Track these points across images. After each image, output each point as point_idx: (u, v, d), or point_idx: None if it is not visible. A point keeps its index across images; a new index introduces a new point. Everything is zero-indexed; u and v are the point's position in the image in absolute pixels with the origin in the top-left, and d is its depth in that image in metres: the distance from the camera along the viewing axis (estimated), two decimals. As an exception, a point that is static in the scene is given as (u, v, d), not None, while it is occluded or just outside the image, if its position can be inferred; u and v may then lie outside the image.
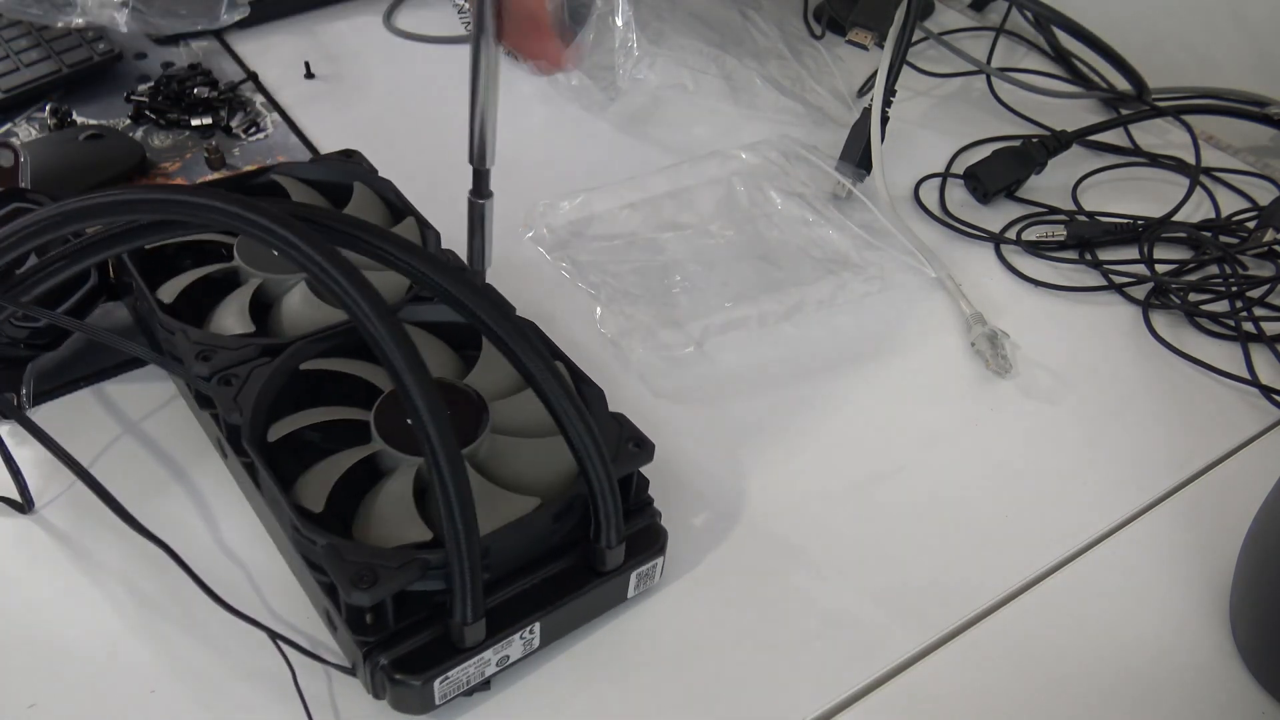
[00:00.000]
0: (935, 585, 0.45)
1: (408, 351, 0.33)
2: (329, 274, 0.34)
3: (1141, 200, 0.67)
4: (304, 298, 0.49)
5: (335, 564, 0.35)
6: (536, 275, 0.60)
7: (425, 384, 0.33)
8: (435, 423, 0.33)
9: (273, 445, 0.42)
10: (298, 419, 0.43)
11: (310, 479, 0.40)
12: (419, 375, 0.33)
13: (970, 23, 0.86)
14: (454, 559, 0.34)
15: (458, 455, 0.33)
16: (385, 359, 0.33)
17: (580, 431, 0.37)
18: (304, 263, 0.34)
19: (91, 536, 0.45)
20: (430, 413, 0.33)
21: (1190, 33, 0.78)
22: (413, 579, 0.36)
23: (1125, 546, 0.48)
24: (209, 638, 0.42)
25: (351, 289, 0.33)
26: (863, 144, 0.65)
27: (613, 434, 0.42)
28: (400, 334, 0.33)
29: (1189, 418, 0.54)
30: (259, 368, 0.43)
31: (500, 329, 0.37)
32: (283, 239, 0.34)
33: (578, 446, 0.37)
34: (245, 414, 0.41)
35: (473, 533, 0.34)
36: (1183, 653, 0.43)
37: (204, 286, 0.49)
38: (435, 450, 0.33)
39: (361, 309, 0.33)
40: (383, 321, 0.33)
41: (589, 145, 0.71)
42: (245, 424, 0.41)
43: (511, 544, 0.39)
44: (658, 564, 0.43)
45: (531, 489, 0.41)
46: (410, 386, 0.33)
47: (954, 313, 0.59)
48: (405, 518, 0.39)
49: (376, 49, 0.80)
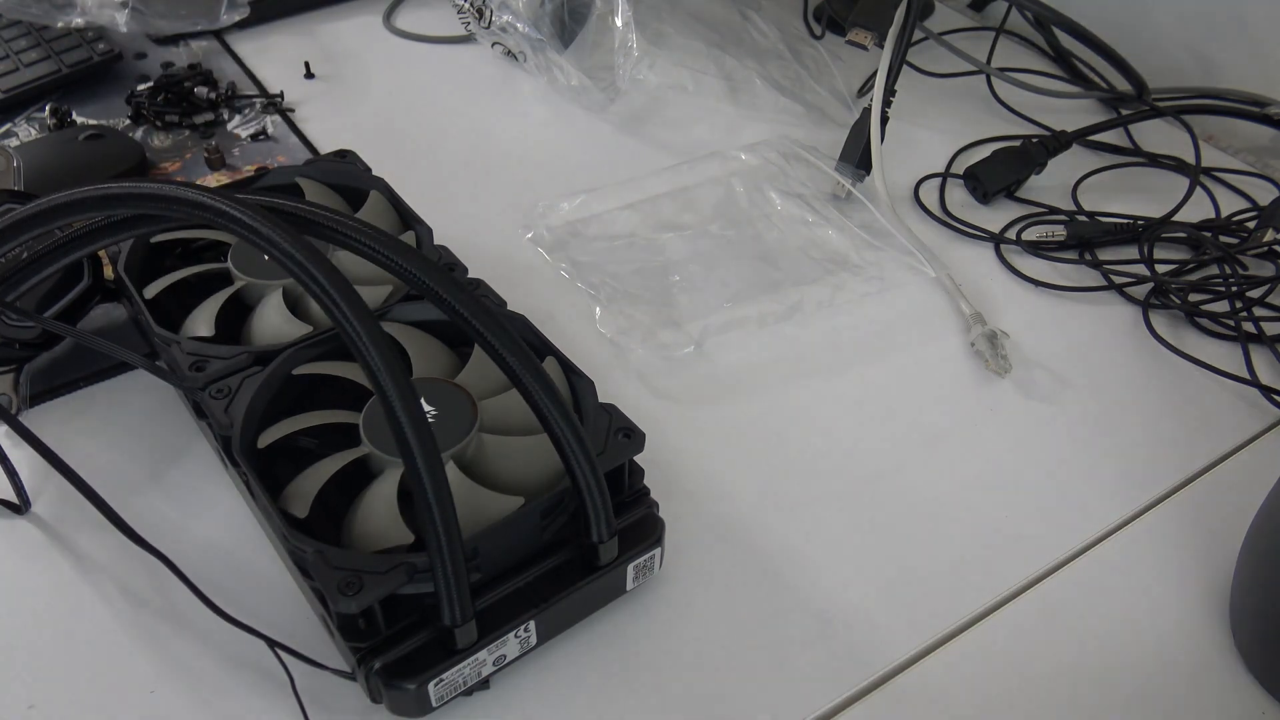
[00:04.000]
0: (934, 585, 0.45)
1: (381, 350, 0.32)
2: (304, 269, 0.33)
3: (1141, 200, 0.67)
4: (277, 305, 0.48)
5: (322, 571, 0.35)
6: (536, 275, 0.60)
7: (399, 384, 0.32)
8: (410, 423, 0.32)
9: (266, 453, 0.41)
10: (287, 425, 0.42)
11: (298, 485, 0.40)
12: (393, 374, 0.32)
13: (970, 23, 0.86)
14: (436, 562, 0.34)
15: (436, 457, 0.33)
16: (359, 356, 0.33)
17: (559, 423, 0.36)
18: (279, 257, 0.33)
19: (89, 537, 0.45)
20: (405, 412, 0.32)
21: (1190, 33, 0.78)
22: (399, 584, 0.35)
23: (1125, 546, 0.47)
24: (209, 637, 0.42)
25: (327, 285, 0.32)
26: (862, 144, 0.65)
27: (602, 425, 0.41)
28: (374, 331, 0.32)
29: (1189, 418, 0.54)
30: (250, 377, 0.43)
31: (478, 321, 0.36)
32: (257, 232, 0.33)
33: (559, 438, 0.36)
34: (236, 425, 0.41)
35: (454, 535, 0.33)
36: (1183, 653, 0.43)
37: (201, 289, 0.49)
38: (412, 452, 0.32)
39: (335, 304, 0.32)
40: (357, 318, 0.32)
41: (589, 145, 0.71)
42: (235, 434, 0.41)
43: (499, 543, 0.39)
44: (655, 555, 0.42)
45: (522, 487, 0.41)
46: (384, 386, 0.32)
47: (954, 313, 0.59)
48: (390, 521, 0.39)
49: (376, 49, 0.80)
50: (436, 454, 0.33)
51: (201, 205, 0.33)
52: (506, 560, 0.40)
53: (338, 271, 0.33)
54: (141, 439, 0.49)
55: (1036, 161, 0.67)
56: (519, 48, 0.74)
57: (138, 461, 0.48)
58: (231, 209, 0.33)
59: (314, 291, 0.33)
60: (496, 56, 0.76)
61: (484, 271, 0.51)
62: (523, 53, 0.74)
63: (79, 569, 0.44)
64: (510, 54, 0.76)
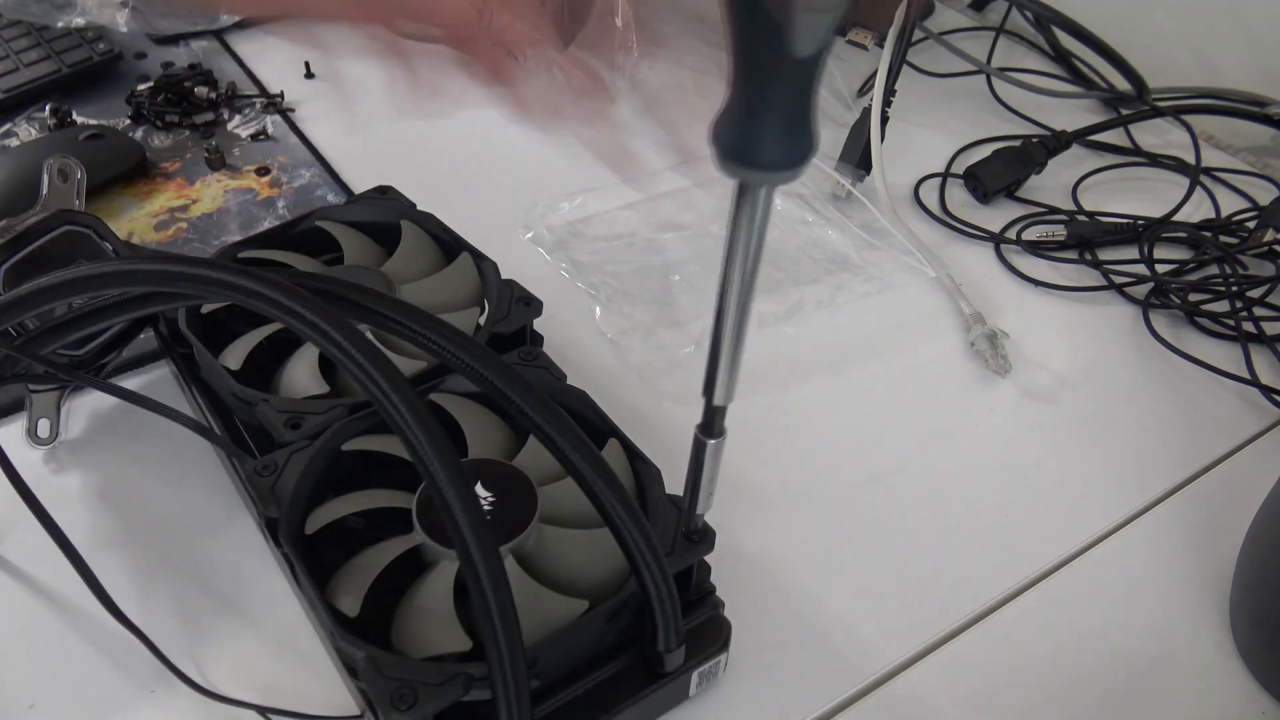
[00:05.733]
0: (935, 585, 0.45)
1: (430, 434, 0.30)
2: (345, 351, 0.30)
3: (1141, 200, 0.67)
4: (310, 366, 0.45)
5: (373, 680, 0.33)
6: (536, 275, 0.59)
7: (455, 481, 0.30)
8: (470, 525, 0.30)
9: (313, 535, 0.39)
10: (336, 507, 0.39)
11: (348, 576, 0.37)
12: (446, 465, 0.30)
13: (970, 22, 0.86)
14: (497, 676, 0.31)
15: (496, 560, 0.30)
16: (409, 447, 0.30)
17: (628, 527, 0.33)
18: (320, 341, 0.31)
19: (91, 537, 0.45)
20: (464, 514, 0.30)
21: (1190, 33, 0.78)
22: (456, 697, 0.33)
23: (1125, 546, 0.47)
24: (208, 637, 0.42)
25: (369, 367, 0.30)
26: (862, 144, 0.65)
27: (670, 521, 0.38)
28: (423, 417, 0.30)
29: (1189, 418, 0.53)
30: (298, 452, 0.40)
31: (537, 414, 0.33)
32: (296, 315, 0.31)
33: (627, 544, 0.33)
34: (283, 506, 0.38)
35: (516, 646, 0.31)
36: (1183, 653, 0.43)
37: (259, 346, 0.46)
38: (471, 557, 0.30)
39: (381, 390, 0.30)
40: (404, 403, 0.30)
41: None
42: (282, 517, 0.38)
43: (562, 651, 0.36)
44: (720, 660, 0.40)
45: (584, 585, 0.38)
46: (439, 482, 0.30)
47: (954, 313, 0.59)
48: (446, 625, 0.36)
49: (377, 49, 0.80)
50: (498, 557, 0.30)
51: (233, 286, 0.31)
52: (567, 666, 0.37)
53: (377, 349, 0.31)
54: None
55: (1036, 161, 0.67)
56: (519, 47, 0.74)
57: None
58: (266, 290, 0.31)
59: (351, 371, 0.31)
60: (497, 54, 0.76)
61: (484, 271, 0.50)
62: (523, 53, 0.74)
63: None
64: (510, 54, 0.75)
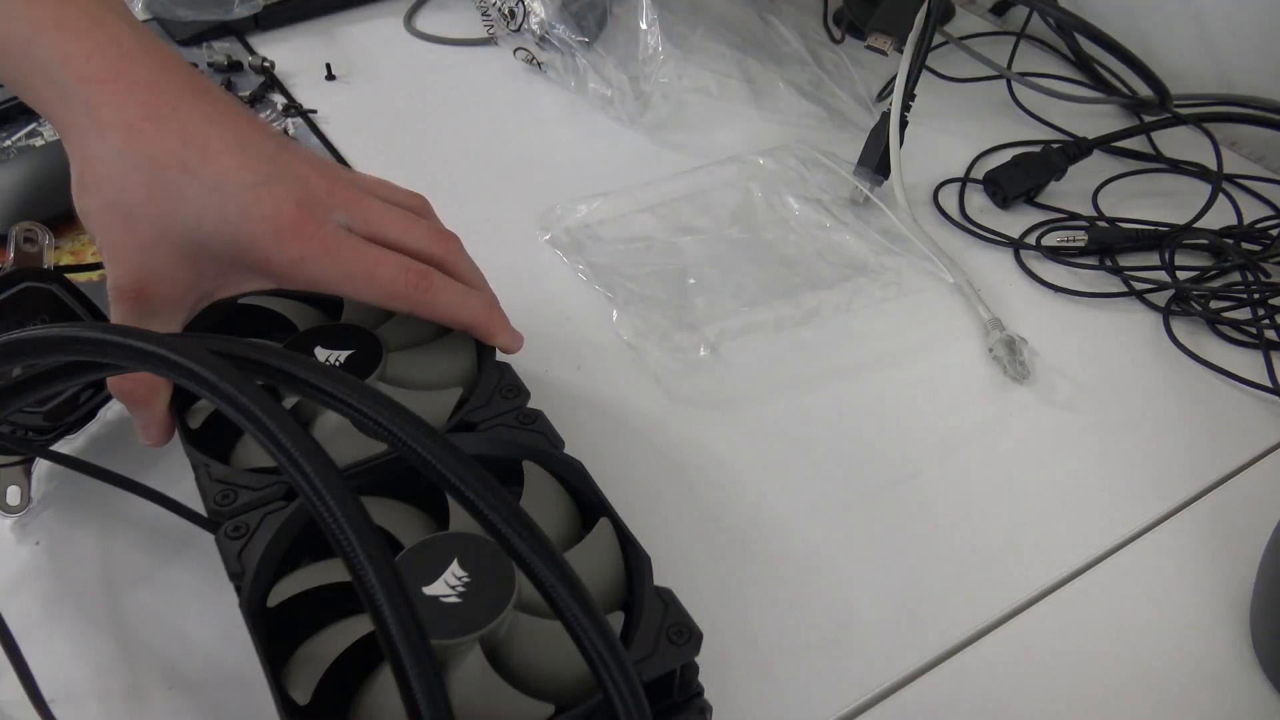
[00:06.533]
0: (951, 592, 0.45)
1: (360, 530, 0.24)
2: (258, 422, 0.25)
3: (1163, 207, 0.67)
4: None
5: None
6: (553, 278, 0.60)
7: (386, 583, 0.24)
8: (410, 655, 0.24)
9: (285, 603, 0.36)
10: (302, 578, 0.36)
11: (302, 659, 0.34)
12: (378, 567, 0.24)
13: (991, 27, 0.86)
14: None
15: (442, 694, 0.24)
16: (333, 541, 0.25)
17: (590, 637, 0.27)
18: (231, 411, 0.26)
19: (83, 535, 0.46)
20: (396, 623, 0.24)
21: (1213, 40, 0.77)
22: None
23: (1144, 555, 0.47)
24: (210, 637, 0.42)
25: (284, 439, 0.25)
26: (881, 148, 0.65)
27: (655, 619, 0.35)
28: (350, 506, 0.25)
29: (1209, 425, 0.53)
30: (271, 513, 0.37)
31: (484, 505, 0.27)
32: (201, 380, 0.26)
33: (592, 660, 0.27)
34: (248, 575, 0.35)
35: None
36: (1202, 663, 0.43)
37: None
38: (407, 677, 0.24)
39: (303, 475, 0.25)
40: (331, 492, 0.25)
41: (608, 148, 0.71)
42: (245, 586, 0.35)
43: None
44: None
45: (554, 686, 0.35)
46: (368, 584, 0.24)
47: (972, 318, 0.59)
48: None
49: (397, 51, 0.80)
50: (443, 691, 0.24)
51: (141, 354, 0.26)
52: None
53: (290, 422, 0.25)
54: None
55: (1057, 167, 0.67)
56: (546, 54, 0.74)
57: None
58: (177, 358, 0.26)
59: (271, 451, 0.25)
60: (517, 60, 0.76)
61: (500, 273, 0.48)
62: (550, 61, 0.74)
63: (78, 569, 0.44)
64: (533, 61, 0.76)
